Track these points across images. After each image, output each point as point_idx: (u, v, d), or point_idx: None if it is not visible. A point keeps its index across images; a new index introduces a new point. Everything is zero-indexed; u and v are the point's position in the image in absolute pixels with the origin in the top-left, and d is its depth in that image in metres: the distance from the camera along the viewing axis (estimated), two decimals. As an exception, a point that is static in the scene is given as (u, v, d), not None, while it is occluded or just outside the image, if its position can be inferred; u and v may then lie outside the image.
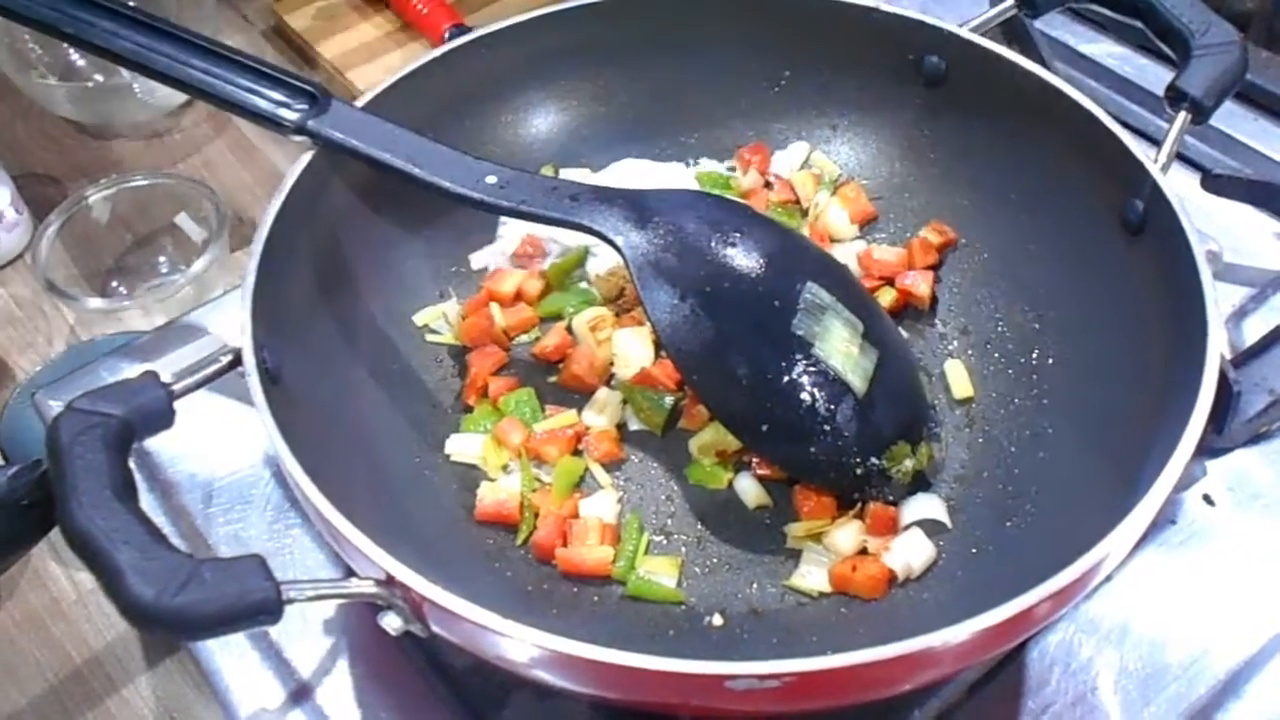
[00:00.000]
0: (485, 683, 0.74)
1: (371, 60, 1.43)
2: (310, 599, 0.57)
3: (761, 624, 0.75)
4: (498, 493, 0.81)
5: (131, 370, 0.91)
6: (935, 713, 0.74)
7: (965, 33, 0.89)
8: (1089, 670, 0.77)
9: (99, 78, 1.44)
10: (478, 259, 0.96)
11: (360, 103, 0.85)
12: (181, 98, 1.44)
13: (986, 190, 0.93)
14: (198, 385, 0.67)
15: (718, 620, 0.75)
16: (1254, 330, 0.96)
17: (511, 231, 0.97)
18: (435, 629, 0.60)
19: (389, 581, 0.59)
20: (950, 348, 0.90)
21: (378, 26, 1.47)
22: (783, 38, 0.96)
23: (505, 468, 0.83)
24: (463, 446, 0.84)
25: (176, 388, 0.65)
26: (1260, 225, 1.04)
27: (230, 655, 0.77)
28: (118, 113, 1.39)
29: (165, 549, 0.55)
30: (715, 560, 0.79)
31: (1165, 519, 0.84)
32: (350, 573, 0.63)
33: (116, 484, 0.57)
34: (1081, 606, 0.79)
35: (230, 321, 0.85)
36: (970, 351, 0.90)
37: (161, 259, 1.28)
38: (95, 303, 1.17)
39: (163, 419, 0.64)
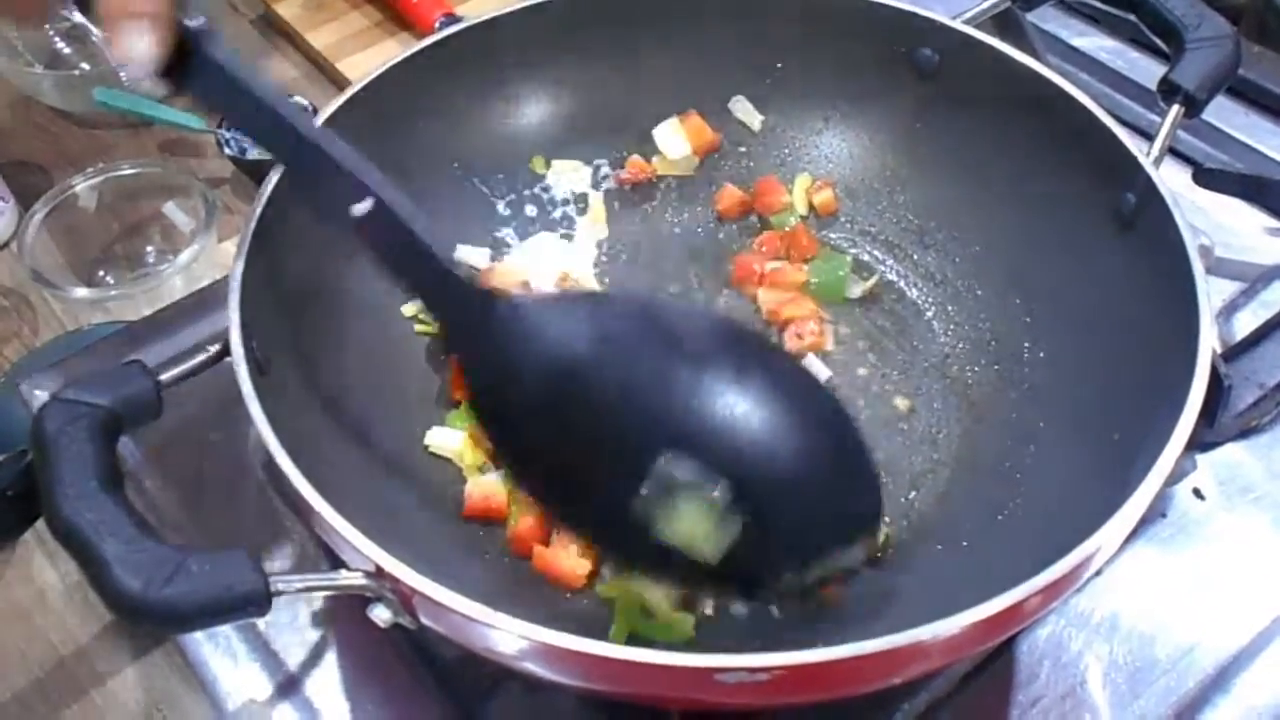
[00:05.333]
0: (474, 675, 0.74)
1: (362, 49, 1.42)
2: (299, 591, 0.57)
3: (752, 618, 0.75)
4: (484, 487, 0.80)
5: (118, 360, 0.90)
6: (925, 705, 0.74)
7: (958, 25, 0.89)
8: (1078, 664, 0.77)
9: (85, 66, 1.43)
10: (464, 253, 0.96)
11: (349, 93, 0.84)
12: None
13: (979, 183, 0.93)
14: (185, 375, 0.66)
15: (708, 610, 0.75)
16: (1244, 325, 0.96)
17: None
18: (425, 621, 0.60)
19: (379, 574, 0.59)
20: (941, 340, 0.90)
21: (368, 15, 1.46)
22: (775, 29, 0.95)
23: (481, 468, 0.83)
24: (442, 440, 0.83)
25: (164, 377, 0.65)
26: (1251, 220, 1.04)
27: (217, 647, 0.77)
28: (105, 100, 1.38)
29: (152, 541, 0.54)
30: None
31: (1155, 513, 0.84)
32: (340, 565, 0.63)
33: (103, 475, 0.57)
34: (1071, 600, 0.79)
35: (218, 312, 0.84)
36: (961, 344, 0.90)
37: (149, 248, 1.27)
38: (81, 292, 1.15)
39: (150, 409, 0.64)
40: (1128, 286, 0.79)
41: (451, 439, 0.83)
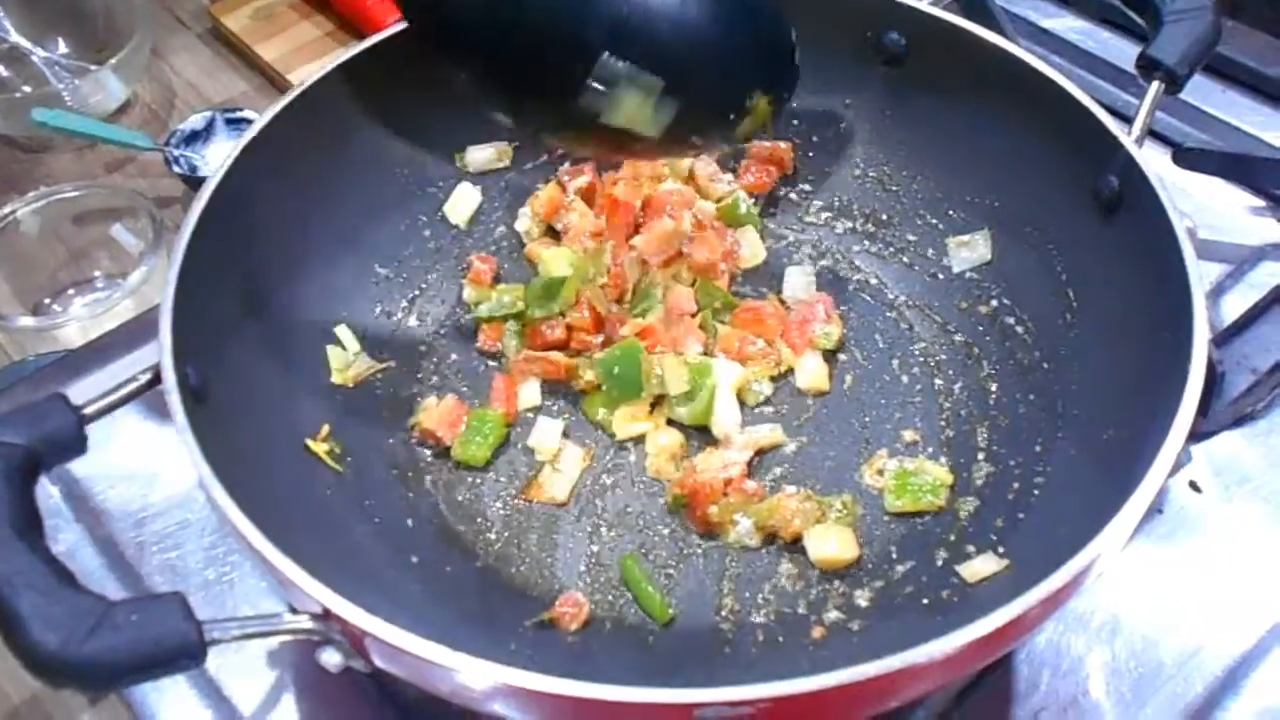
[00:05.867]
0: (442, 715, 0.69)
1: (313, 60, 1.38)
2: (236, 639, 0.52)
3: (741, 634, 0.71)
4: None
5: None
6: (921, 724, 0.71)
7: (925, 6, 0.86)
8: (1079, 671, 0.73)
9: (27, 89, 1.38)
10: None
11: (294, 93, 0.80)
12: (114, 105, 1.38)
13: (954, 173, 0.89)
14: (112, 407, 0.61)
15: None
16: (1232, 308, 0.93)
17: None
18: (379, 664, 0.56)
19: (326, 615, 0.54)
20: (922, 342, 0.87)
21: (318, 25, 1.42)
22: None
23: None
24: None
25: (88, 411, 0.60)
26: (1233, 200, 1.01)
27: (166, 696, 0.72)
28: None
29: (72, 591, 0.50)
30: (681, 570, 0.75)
31: (1151, 508, 0.80)
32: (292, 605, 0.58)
33: (18, 521, 0.52)
34: (1069, 603, 0.75)
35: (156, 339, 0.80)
36: (942, 341, 0.86)
37: (97, 273, 1.23)
38: (26, 321, 1.11)
39: (72, 446, 0.59)
40: (1113, 273, 0.76)
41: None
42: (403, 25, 0.85)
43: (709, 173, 0.94)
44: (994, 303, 0.85)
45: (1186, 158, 1.01)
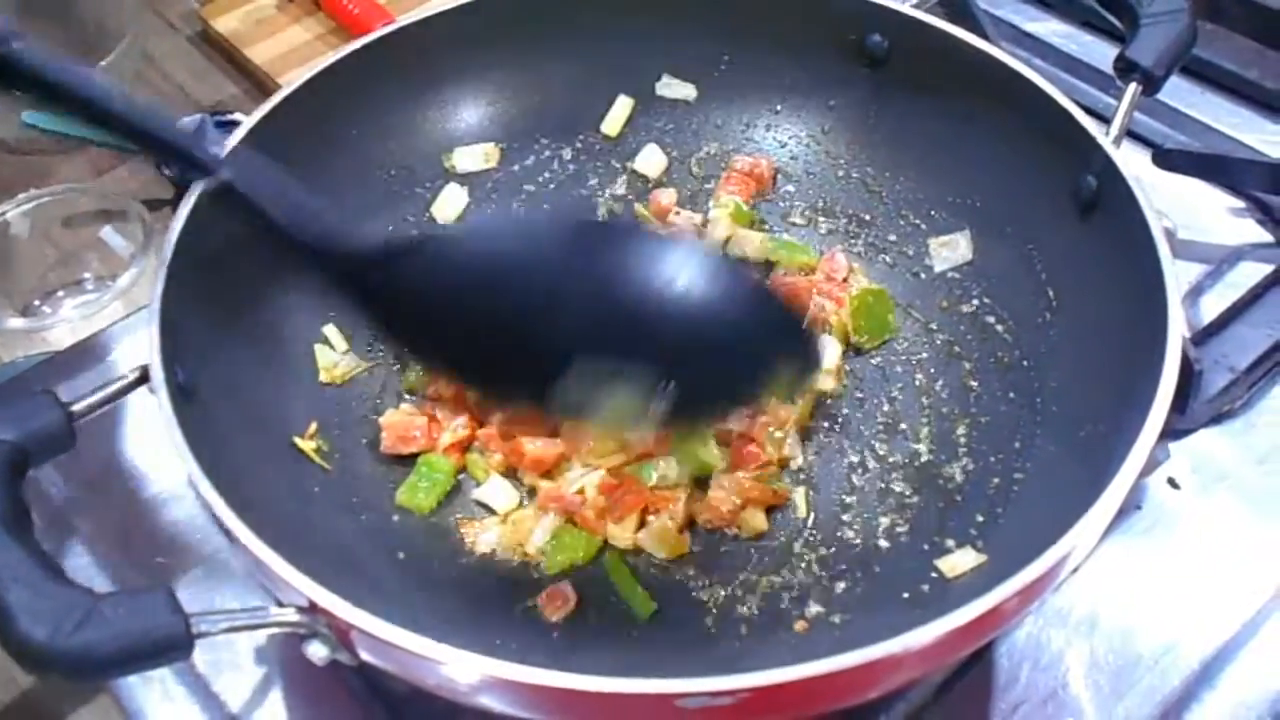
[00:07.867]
0: (428, 710, 0.70)
1: (303, 63, 1.39)
2: (225, 631, 0.53)
3: (725, 627, 0.72)
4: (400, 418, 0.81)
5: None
6: (902, 716, 0.71)
7: (908, 9, 0.87)
8: (1059, 665, 0.74)
9: (18, 91, 1.39)
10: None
11: (281, 95, 0.81)
12: (104, 107, 1.39)
13: (936, 174, 0.90)
14: (101, 405, 0.62)
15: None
16: (1210, 307, 0.94)
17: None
18: (365, 657, 0.56)
19: (312, 608, 0.55)
20: (904, 340, 0.87)
21: (309, 29, 1.42)
22: (721, 20, 0.92)
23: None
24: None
25: (76, 408, 0.61)
26: (1213, 200, 1.02)
27: (153, 691, 0.72)
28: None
29: (60, 585, 0.51)
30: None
31: (1130, 504, 0.82)
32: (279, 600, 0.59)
33: (6, 516, 0.53)
34: (1049, 598, 0.77)
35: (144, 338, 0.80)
36: (924, 339, 0.87)
37: (87, 274, 1.24)
38: (16, 322, 1.12)
39: (61, 442, 0.60)
40: (1091, 272, 0.77)
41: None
42: (391, 28, 0.87)
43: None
44: (975, 302, 0.86)
45: (1166, 159, 1.02)
